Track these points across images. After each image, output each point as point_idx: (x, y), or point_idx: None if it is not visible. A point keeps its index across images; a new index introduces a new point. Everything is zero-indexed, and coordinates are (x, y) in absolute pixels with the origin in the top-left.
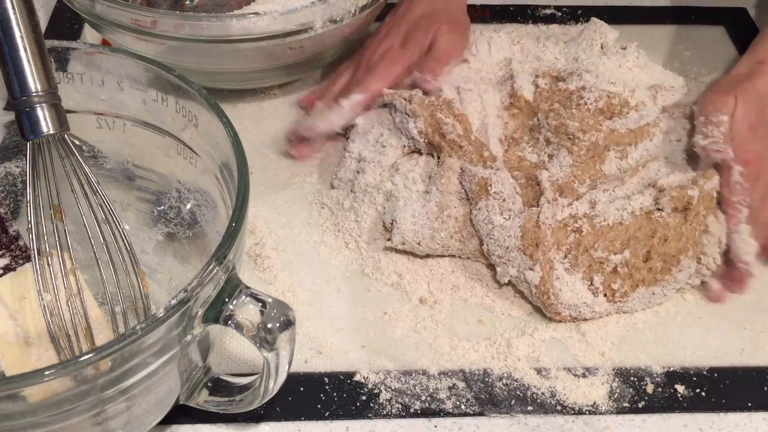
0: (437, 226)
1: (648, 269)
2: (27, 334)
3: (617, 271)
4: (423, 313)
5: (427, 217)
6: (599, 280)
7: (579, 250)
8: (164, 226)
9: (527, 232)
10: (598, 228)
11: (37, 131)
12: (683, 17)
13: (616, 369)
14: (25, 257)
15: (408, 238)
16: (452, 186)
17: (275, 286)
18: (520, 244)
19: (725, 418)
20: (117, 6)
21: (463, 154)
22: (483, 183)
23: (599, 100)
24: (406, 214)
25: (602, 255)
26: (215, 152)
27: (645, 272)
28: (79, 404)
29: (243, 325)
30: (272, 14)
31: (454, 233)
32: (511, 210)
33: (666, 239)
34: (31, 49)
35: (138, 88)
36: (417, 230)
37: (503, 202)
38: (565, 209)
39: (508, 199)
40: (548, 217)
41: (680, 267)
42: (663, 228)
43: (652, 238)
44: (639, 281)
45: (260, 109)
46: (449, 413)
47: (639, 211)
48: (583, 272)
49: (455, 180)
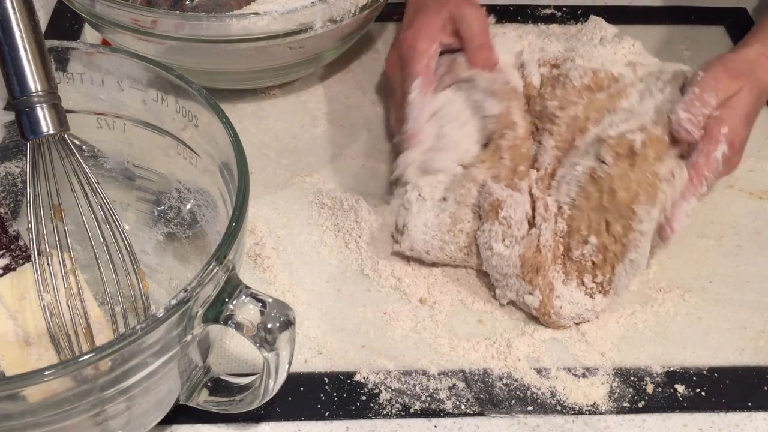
0: (448, 239)
1: (613, 240)
2: (27, 334)
3: (595, 263)
4: (423, 313)
5: (439, 229)
6: (589, 279)
7: (566, 257)
8: (164, 226)
9: (527, 261)
10: (567, 225)
11: (37, 131)
12: (683, 17)
13: (616, 369)
14: (25, 257)
15: (417, 246)
16: (470, 198)
17: (275, 286)
18: (519, 272)
19: (725, 418)
20: (117, 6)
21: (499, 164)
22: (495, 205)
23: (584, 77)
24: (419, 222)
25: (579, 253)
26: (215, 152)
27: (613, 246)
28: (79, 404)
29: (243, 325)
30: (272, 14)
31: (464, 247)
32: (514, 237)
33: (613, 192)
34: (31, 49)
35: (138, 88)
36: (427, 240)
37: (508, 228)
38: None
39: (514, 225)
40: (548, 239)
41: (639, 218)
42: (607, 181)
43: (600, 198)
44: (613, 260)
45: (260, 109)
46: (449, 413)
47: (584, 176)
48: (576, 279)
49: (475, 192)
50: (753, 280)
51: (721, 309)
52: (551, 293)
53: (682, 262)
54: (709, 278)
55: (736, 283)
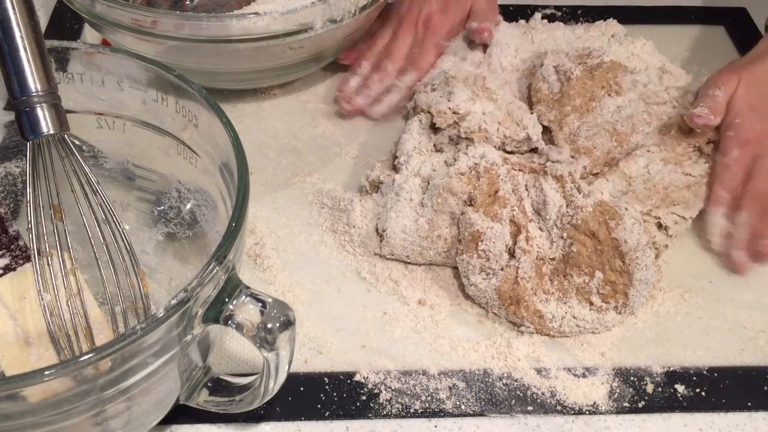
0: (426, 245)
1: (619, 274)
2: (27, 334)
3: (605, 294)
4: (423, 313)
5: (417, 234)
6: (598, 300)
7: (563, 278)
8: (164, 226)
9: (503, 294)
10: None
11: (37, 131)
12: (683, 17)
13: (616, 369)
14: (25, 257)
15: (397, 251)
16: (447, 207)
17: (275, 286)
18: (498, 304)
19: (725, 418)
20: (117, 6)
21: (476, 183)
22: (475, 236)
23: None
24: (397, 228)
25: (582, 280)
26: (215, 152)
27: (620, 279)
28: (79, 404)
29: (243, 325)
30: (272, 14)
31: (443, 252)
32: (492, 269)
33: (594, 234)
34: (31, 49)
35: (138, 88)
36: (406, 246)
37: (486, 261)
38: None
39: (492, 258)
40: (527, 271)
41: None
42: (584, 226)
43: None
44: (624, 288)
45: (260, 109)
46: (449, 413)
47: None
48: (576, 296)
49: (452, 202)
50: (753, 280)
51: (721, 309)
52: (542, 319)
53: (682, 262)
54: (709, 278)
55: (736, 283)
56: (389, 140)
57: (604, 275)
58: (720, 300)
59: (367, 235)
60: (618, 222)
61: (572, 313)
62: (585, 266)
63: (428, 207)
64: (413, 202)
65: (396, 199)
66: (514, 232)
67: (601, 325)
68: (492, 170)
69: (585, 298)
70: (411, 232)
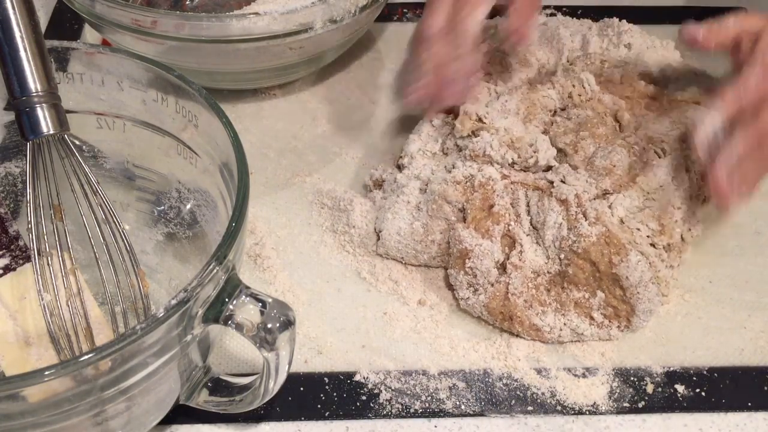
0: (420, 249)
1: (621, 301)
2: (27, 334)
3: (607, 315)
4: (423, 313)
5: (412, 237)
6: (600, 316)
7: (561, 291)
8: (164, 226)
9: (492, 310)
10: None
11: (37, 131)
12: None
13: (616, 369)
14: (25, 257)
15: (392, 252)
16: (441, 213)
17: (275, 286)
18: (489, 319)
19: (725, 418)
20: (117, 6)
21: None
22: (463, 254)
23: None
24: (392, 231)
25: (582, 295)
26: (215, 152)
27: (622, 305)
28: (79, 404)
29: (243, 325)
30: (272, 14)
31: (437, 256)
32: (480, 285)
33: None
34: (31, 49)
35: (138, 88)
36: (400, 248)
37: (474, 278)
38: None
39: (479, 275)
40: (517, 287)
41: (625, 276)
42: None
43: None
44: (627, 315)
45: (260, 109)
46: (449, 413)
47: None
48: (574, 309)
49: (447, 209)
50: (753, 280)
51: (721, 309)
52: (539, 332)
53: (682, 262)
54: (709, 278)
55: (736, 283)
56: (390, 140)
57: (606, 297)
58: (720, 300)
59: (367, 235)
60: (622, 258)
61: (571, 326)
62: (582, 286)
63: (424, 211)
64: (410, 205)
65: (394, 200)
66: (509, 246)
67: (601, 338)
68: (488, 185)
69: (585, 313)
70: (406, 234)
